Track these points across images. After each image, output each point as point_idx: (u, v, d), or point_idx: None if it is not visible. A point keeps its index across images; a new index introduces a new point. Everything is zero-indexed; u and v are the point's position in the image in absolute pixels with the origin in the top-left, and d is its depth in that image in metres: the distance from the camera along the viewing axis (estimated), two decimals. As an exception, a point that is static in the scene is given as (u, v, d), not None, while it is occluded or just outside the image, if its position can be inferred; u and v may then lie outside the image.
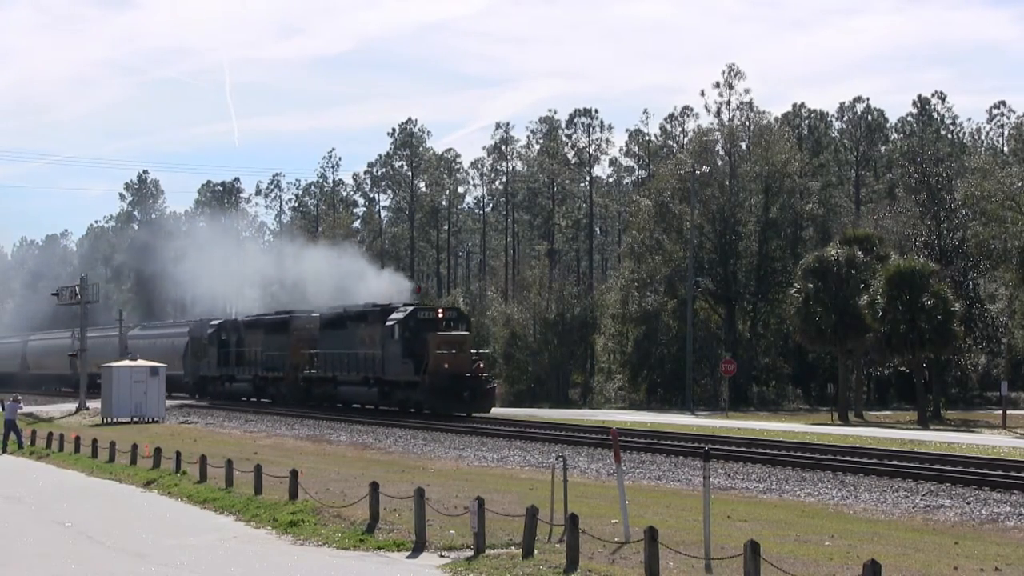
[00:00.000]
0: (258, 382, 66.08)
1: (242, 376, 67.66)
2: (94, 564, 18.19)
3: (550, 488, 19.17)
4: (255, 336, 66.42)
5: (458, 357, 49.95)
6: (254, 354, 65.92)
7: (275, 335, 63.71)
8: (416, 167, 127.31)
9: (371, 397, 54.90)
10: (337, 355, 57.30)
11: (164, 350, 74.59)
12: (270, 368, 64.05)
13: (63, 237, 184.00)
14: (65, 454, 37.62)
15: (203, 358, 71.54)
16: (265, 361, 64.53)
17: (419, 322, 51.74)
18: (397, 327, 51.90)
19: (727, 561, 15.27)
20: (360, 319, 55.98)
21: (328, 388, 58.83)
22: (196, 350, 73.06)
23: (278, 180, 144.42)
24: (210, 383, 71.31)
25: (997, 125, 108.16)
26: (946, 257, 71.10)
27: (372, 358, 53.91)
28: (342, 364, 56.94)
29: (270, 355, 63.86)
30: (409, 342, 51.23)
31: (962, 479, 26.24)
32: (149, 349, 75.64)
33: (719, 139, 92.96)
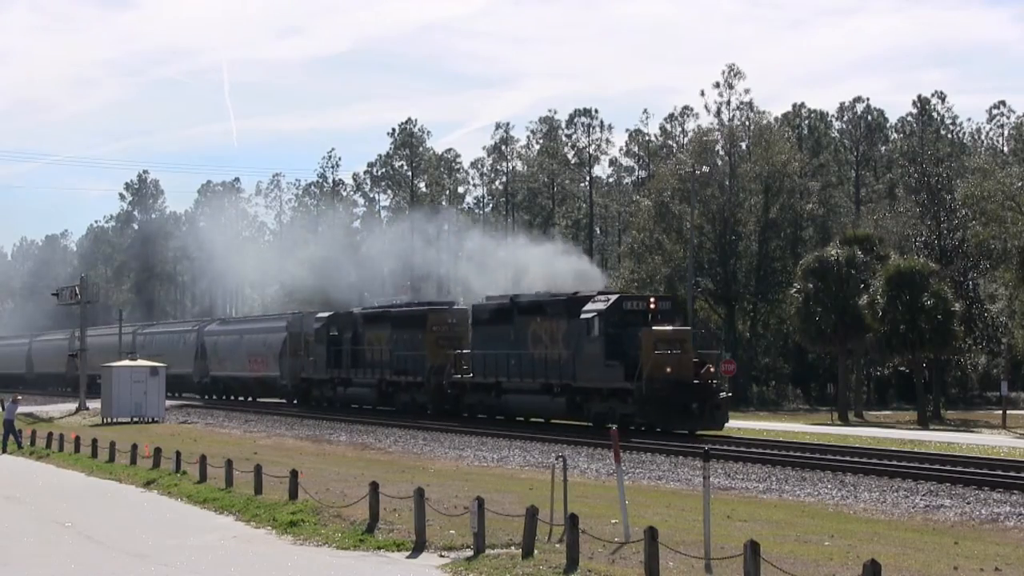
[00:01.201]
0: (384, 388, 54.24)
1: (361, 380, 55.82)
2: (94, 564, 18.19)
3: (550, 488, 19.17)
4: (379, 332, 54.71)
5: (681, 359, 39.73)
6: (378, 354, 54.31)
7: (407, 331, 52.45)
8: (416, 167, 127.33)
9: (555, 408, 44.01)
10: (501, 356, 46.15)
11: (253, 348, 67.50)
12: (401, 371, 52.61)
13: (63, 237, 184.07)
14: (65, 454, 37.63)
15: (306, 358, 60.34)
16: (394, 362, 52.99)
17: (626, 314, 41.35)
18: (597, 321, 41.24)
19: (727, 561, 15.27)
20: (534, 311, 45.25)
21: (487, 397, 47.60)
22: (296, 348, 62.08)
23: (278, 180, 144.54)
24: (316, 387, 60.19)
25: (997, 125, 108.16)
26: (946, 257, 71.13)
27: (556, 360, 43.38)
28: (509, 367, 45.72)
29: (401, 355, 52.39)
30: (614, 340, 40.62)
31: (962, 479, 26.23)
32: (232, 348, 70.56)
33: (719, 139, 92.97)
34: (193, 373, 74.67)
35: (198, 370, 74.49)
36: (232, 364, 70.37)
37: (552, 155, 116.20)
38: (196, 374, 74.55)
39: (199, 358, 74.67)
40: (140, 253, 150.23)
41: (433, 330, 51.11)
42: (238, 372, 69.87)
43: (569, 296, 43.97)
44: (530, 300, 46.31)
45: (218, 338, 73.22)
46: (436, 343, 50.72)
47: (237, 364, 69.60)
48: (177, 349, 76.59)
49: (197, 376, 74.41)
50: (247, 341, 68.62)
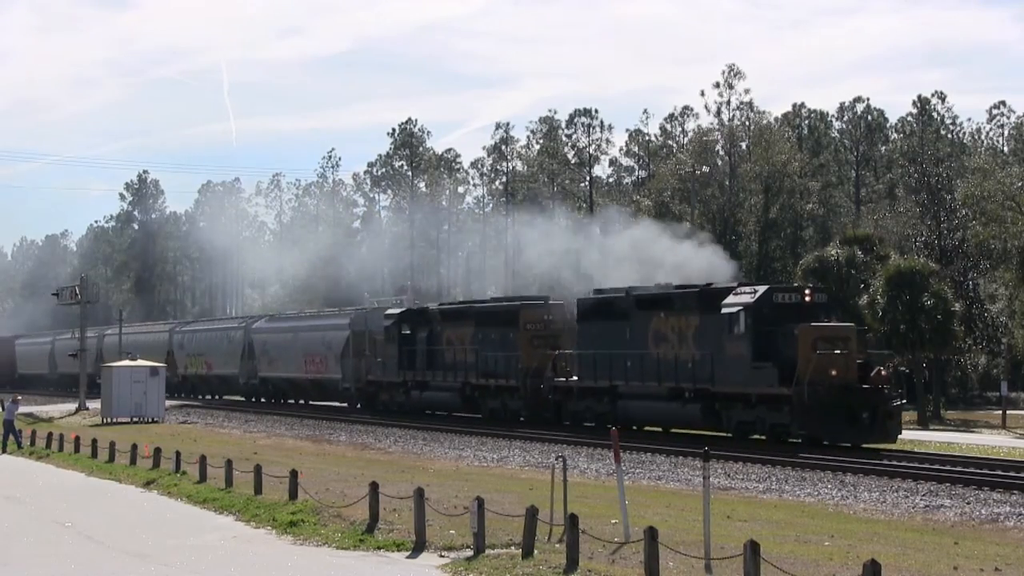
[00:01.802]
0: (469, 392, 48.44)
1: (440, 383, 49.93)
2: (94, 564, 18.19)
3: (550, 488, 19.17)
4: (461, 330, 49.22)
5: (847, 360, 34.48)
6: (460, 354, 48.70)
7: (496, 329, 47.08)
8: (416, 167, 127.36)
9: (687, 417, 38.40)
10: (616, 357, 40.37)
11: (311, 347, 61.53)
12: (489, 373, 47.01)
13: (63, 237, 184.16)
14: (65, 454, 37.64)
15: (373, 358, 54.47)
16: (480, 364, 47.30)
17: (777, 308, 35.58)
18: (743, 316, 35.58)
19: (727, 561, 15.27)
20: (657, 305, 39.65)
21: (598, 403, 41.85)
22: (360, 347, 56.43)
23: (278, 180, 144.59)
24: (384, 391, 54.10)
25: (997, 125, 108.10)
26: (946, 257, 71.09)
27: (688, 361, 37.82)
28: (626, 370, 40.15)
29: (489, 356, 46.87)
30: (764, 338, 35.15)
31: (962, 479, 26.23)
32: (285, 347, 64.40)
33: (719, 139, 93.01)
34: (239, 374, 69.53)
35: (245, 371, 68.97)
36: (285, 365, 64.40)
37: (552, 155, 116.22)
38: (242, 375, 69.17)
39: (246, 358, 68.77)
40: (140, 253, 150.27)
41: (527, 328, 45.76)
42: (292, 373, 63.96)
43: (702, 288, 38.30)
44: (652, 293, 40.45)
45: (268, 336, 66.92)
46: (530, 342, 45.42)
47: (291, 365, 63.65)
48: (220, 348, 71.45)
49: (244, 377, 69.07)
50: (303, 340, 62.29)
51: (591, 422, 41.88)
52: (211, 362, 72.74)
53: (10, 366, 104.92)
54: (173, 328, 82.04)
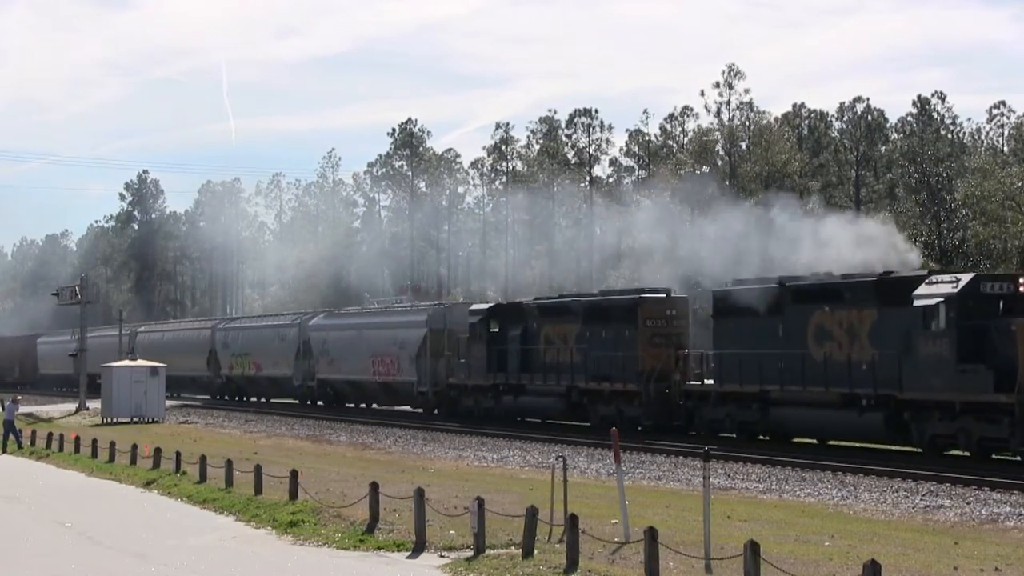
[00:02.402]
0: (576, 397, 42.93)
1: (540, 387, 44.59)
2: (94, 564, 18.20)
3: (550, 488, 19.17)
4: (564, 327, 43.79)
5: None
6: (563, 354, 43.37)
7: (609, 325, 41.76)
8: (416, 167, 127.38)
9: (865, 428, 32.91)
10: (767, 358, 34.93)
11: (380, 347, 55.12)
12: (601, 376, 41.60)
13: (63, 237, 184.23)
14: (65, 454, 37.65)
15: (456, 359, 49.14)
16: (590, 366, 41.96)
17: (985, 300, 30.26)
18: (943, 309, 30.21)
19: (727, 561, 15.27)
20: (819, 297, 34.57)
21: (744, 412, 36.29)
22: (438, 347, 51.00)
23: (278, 180, 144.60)
24: (469, 395, 48.47)
25: (997, 125, 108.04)
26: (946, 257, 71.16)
27: (865, 363, 32.49)
28: (780, 373, 34.65)
29: (600, 356, 41.49)
30: (973, 335, 29.94)
31: (962, 479, 26.21)
32: (349, 346, 57.82)
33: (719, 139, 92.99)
34: (293, 375, 63.27)
35: (300, 372, 62.74)
36: (348, 366, 57.98)
37: (552, 155, 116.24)
38: (297, 376, 62.94)
39: (302, 357, 62.62)
40: (140, 253, 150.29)
41: (648, 324, 40.39)
42: (357, 376, 57.69)
43: (880, 277, 33.33)
44: (813, 284, 35.41)
45: (328, 334, 60.51)
46: (651, 341, 40.15)
47: (356, 366, 57.21)
48: (271, 347, 65.25)
49: (299, 379, 62.81)
50: (371, 338, 55.97)
51: (731, 432, 36.66)
52: (260, 362, 66.80)
53: (31, 366, 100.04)
54: (216, 325, 75.35)
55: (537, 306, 46.28)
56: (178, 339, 76.57)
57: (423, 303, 60.51)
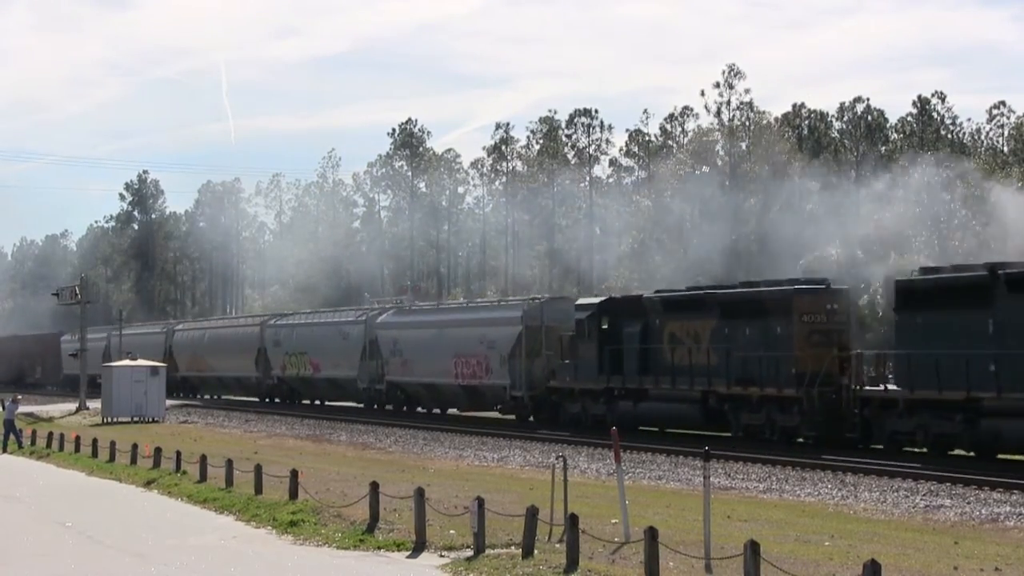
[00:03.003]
0: (715, 403, 37.37)
1: (665, 391, 38.82)
2: (94, 564, 18.20)
3: (550, 488, 19.17)
4: (695, 323, 38.32)
5: None
6: (696, 355, 37.83)
7: (754, 321, 36.10)
8: (416, 167, 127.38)
9: None
10: (974, 359, 29.67)
11: (465, 346, 49.43)
12: (745, 380, 36.00)
13: (63, 237, 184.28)
14: (65, 454, 37.65)
15: (558, 360, 43.77)
16: (732, 368, 36.42)
17: None
18: None
19: (727, 561, 15.27)
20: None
21: (939, 422, 30.97)
22: (535, 346, 45.87)
23: (278, 180, 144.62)
24: (575, 400, 43.02)
25: (997, 125, 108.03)
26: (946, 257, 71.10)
27: None
28: (993, 376, 29.32)
29: (744, 357, 36.03)
30: None
31: (962, 479, 26.21)
32: (426, 346, 52.13)
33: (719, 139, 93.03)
34: (358, 377, 57.49)
35: (366, 374, 56.82)
36: (425, 367, 52.03)
37: (552, 155, 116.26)
38: (363, 379, 57.14)
39: (368, 358, 56.63)
40: (140, 253, 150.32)
41: (804, 320, 35.15)
42: (435, 378, 51.77)
43: None
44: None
45: (400, 332, 54.48)
46: (808, 339, 34.91)
47: (434, 367, 51.28)
48: (331, 346, 59.34)
49: (365, 381, 57.00)
50: (453, 337, 50.32)
51: (922, 446, 31.46)
52: (318, 362, 60.86)
53: (54, 366, 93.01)
54: (266, 321, 68.62)
55: (661, 300, 40.35)
56: (221, 337, 70.85)
57: (515, 297, 55.09)
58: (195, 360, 74.53)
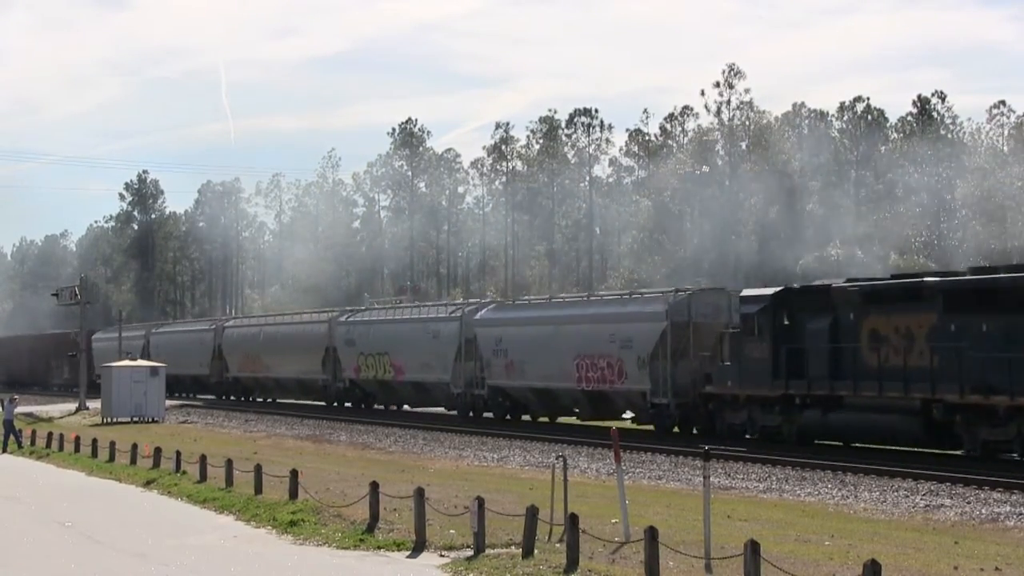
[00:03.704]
0: (940, 414, 30.42)
1: (868, 400, 32.28)
2: (94, 564, 18.20)
3: (550, 488, 19.17)
4: (906, 317, 31.64)
5: None
6: (910, 355, 31.28)
7: (990, 317, 29.59)
8: (416, 167, 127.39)
9: None
10: None
11: (589, 345, 42.66)
12: (986, 386, 29.24)
13: (63, 237, 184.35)
14: (65, 454, 37.65)
15: (716, 360, 37.24)
16: (966, 371, 29.58)
17: None
18: None
19: (727, 561, 15.26)
20: None
21: None
22: (681, 345, 39.43)
23: (278, 180, 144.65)
24: (738, 409, 36.59)
25: (997, 125, 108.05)
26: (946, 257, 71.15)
27: None
28: None
29: (984, 359, 29.22)
30: None
31: (962, 479, 26.20)
32: (538, 345, 45.16)
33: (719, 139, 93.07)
34: (452, 381, 50.21)
35: (461, 377, 49.67)
36: (538, 370, 45.45)
37: (552, 155, 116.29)
38: (458, 382, 49.88)
39: (464, 359, 49.69)
40: (140, 253, 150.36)
41: None
42: (552, 383, 45.08)
43: None
44: None
45: (505, 330, 47.38)
46: None
47: (549, 370, 44.74)
48: (419, 345, 52.33)
49: (460, 385, 49.74)
50: (575, 335, 43.50)
51: None
52: (401, 364, 53.57)
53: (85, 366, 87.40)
54: (335, 318, 60.91)
55: (858, 291, 33.51)
56: (281, 335, 63.68)
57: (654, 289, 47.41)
58: (249, 360, 67.28)
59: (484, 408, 49.52)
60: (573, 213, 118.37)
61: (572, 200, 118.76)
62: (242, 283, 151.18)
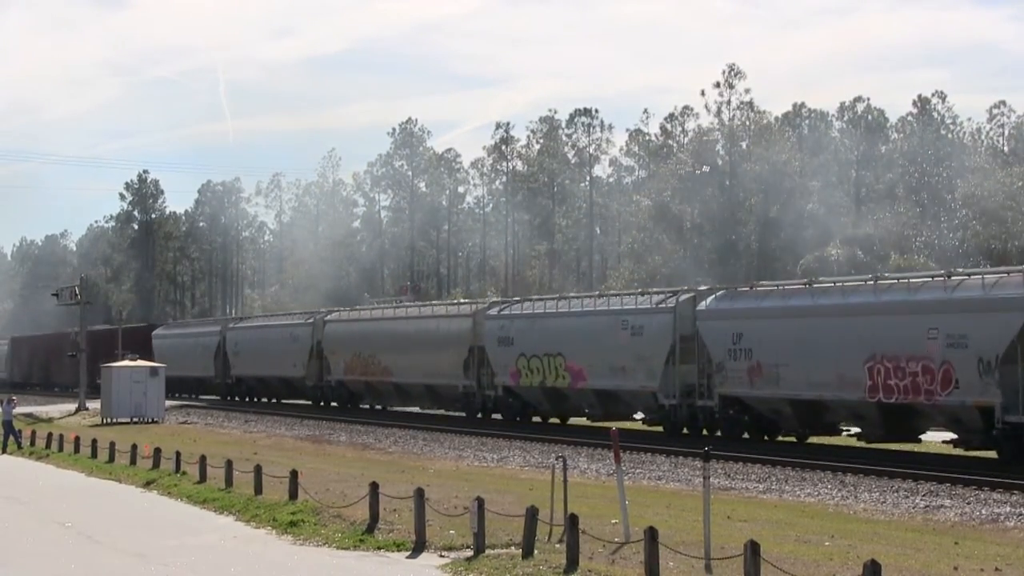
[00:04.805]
0: None
1: None
2: (94, 564, 18.21)
3: (550, 488, 19.16)
4: None
5: None
6: None
7: None
8: (416, 167, 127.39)
9: None
10: None
11: (892, 343, 31.87)
12: None
13: (63, 237, 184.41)
14: (65, 454, 37.65)
15: None
16: None
17: None
18: None
19: (727, 561, 15.26)
20: None
21: None
22: None
23: (278, 180, 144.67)
24: None
25: (997, 125, 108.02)
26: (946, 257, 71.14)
27: None
28: None
29: None
30: None
31: (962, 479, 26.19)
32: (804, 343, 34.23)
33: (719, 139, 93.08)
34: (659, 390, 39.35)
35: (673, 384, 39.07)
36: (801, 376, 34.50)
37: (552, 155, 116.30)
38: (669, 391, 39.17)
39: (678, 362, 38.92)
40: (140, 253, 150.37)
41: None
42: (828, 392, 33.79)
43: None
44: None
45: (744, 324, 36.59)
46: None
47: (821, 376, 33.76)
48: (606, 343, 41.42)
49: (672, 394, 39.06)
50: (867, 329, 32.65)
51: None
52: (581, 367, 42.83)
53: None
54: (483, 310, 49.47)
55: None
56: (407, 332, 53.27)
57: (1000, 269, 34.12)
58: (360, 362, 56.32)
59: (711, 424, 38.18)
60: (573, 213, 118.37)
61: (572, 200, 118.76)
62: (242, 283, 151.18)
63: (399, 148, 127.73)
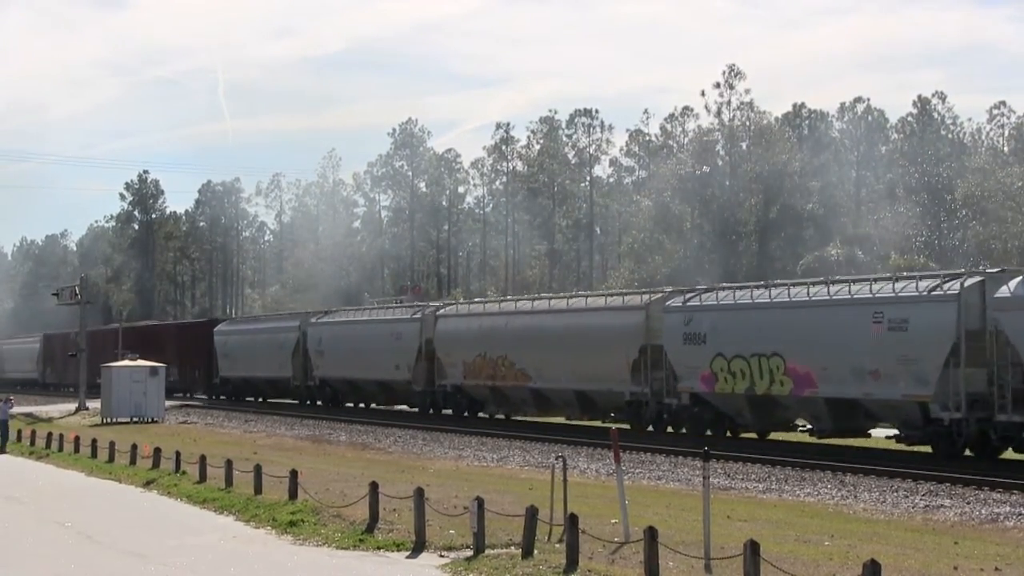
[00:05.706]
0: None
1: None
2: (94, 564, 18.20)
3: (550, 488, 19.16)
4: None
5: None
6: None
7: None
8: (416, 167, 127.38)
9: None
10: None
11: None
12: None
13: (63, 237, 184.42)
14: (65, 454, 37.66)
15: None
16: None
17: None
18: None
19: (727, 561, 15.26)
20: None
21: None
22: None
23: (278, 180, 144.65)
24: None
25: (997, 125, 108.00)
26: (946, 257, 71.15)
27: None
28: None
29: None
30: None
31: (962, 479, 26.19)
32: None
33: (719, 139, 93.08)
34: (933, 397, 29.94)
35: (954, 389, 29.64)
36: None
37: (552, 155, 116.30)
38: (945, 399, 29.80)
39: (964, 364, 29.47)
40: (140, 253, 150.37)
41: None
42: None
43: None
44: None
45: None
46: None
47: None
48: (849, 339, 32.09)
49: (954, 405, 29.62)
50: None
51: None
52: (809, 370, 33.64)
53: (205, 366, 72.10)
54: (657, 301, 40.09)
55: None
56: (552, 328, 44.10)
57: None
58: (486, 363, 46.92)
59: (1018, 440, 29.20)
60: (573, 213, 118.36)
61: (572, 200, 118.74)
62: (242, 283, 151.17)
63: (399, 148, 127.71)
